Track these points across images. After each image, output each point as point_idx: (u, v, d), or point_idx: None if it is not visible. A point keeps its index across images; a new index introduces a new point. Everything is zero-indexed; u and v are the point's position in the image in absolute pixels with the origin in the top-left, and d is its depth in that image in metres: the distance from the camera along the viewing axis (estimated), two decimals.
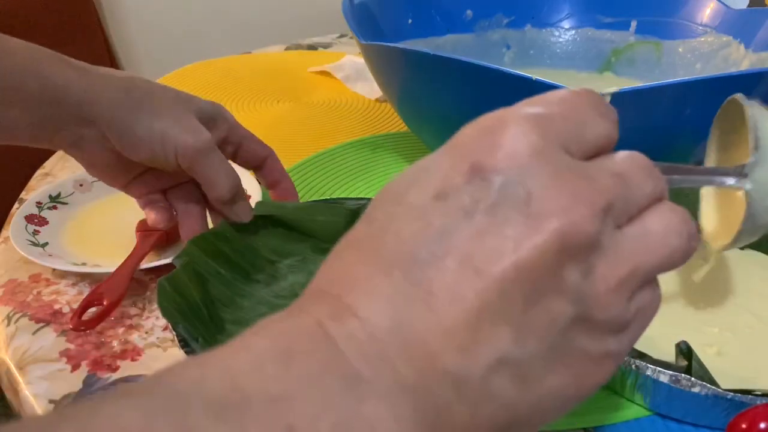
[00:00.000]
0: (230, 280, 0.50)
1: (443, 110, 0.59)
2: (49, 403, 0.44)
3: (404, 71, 0.59)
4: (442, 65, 0.55)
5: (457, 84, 0.55)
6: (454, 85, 0.56)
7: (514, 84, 0.52)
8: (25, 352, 0.48)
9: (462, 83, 0.55)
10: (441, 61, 0.55)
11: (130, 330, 0.50)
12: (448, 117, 0.59)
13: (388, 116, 0.82)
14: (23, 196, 0.67)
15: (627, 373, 0.42)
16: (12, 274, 0.56)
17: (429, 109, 0.61)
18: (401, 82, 0.61)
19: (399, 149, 0.74)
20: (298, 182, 0.67)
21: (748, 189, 0.35)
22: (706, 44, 0.74)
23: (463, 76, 0.54)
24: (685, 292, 0.51)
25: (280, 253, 0.53)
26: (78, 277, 0.55)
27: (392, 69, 0.60)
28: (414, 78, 0.59)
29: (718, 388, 0.39)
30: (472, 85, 0.55)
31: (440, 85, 0.57)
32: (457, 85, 0.55)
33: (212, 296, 0.47)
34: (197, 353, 0.40)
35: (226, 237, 0.50)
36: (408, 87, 0.61)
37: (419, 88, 0.60)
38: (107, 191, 0.65)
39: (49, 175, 0.70)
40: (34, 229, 0.58)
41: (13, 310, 0.52)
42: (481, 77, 0.53)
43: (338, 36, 1.15)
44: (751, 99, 0.41)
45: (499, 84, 0.53)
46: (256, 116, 0.82)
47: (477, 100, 0.55)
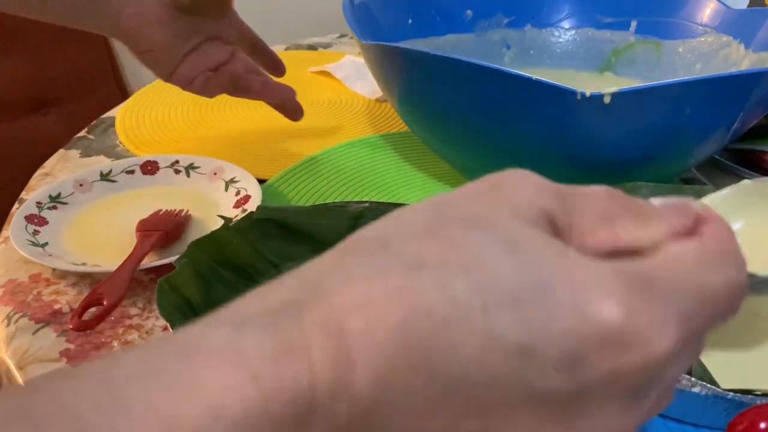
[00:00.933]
0: (232, 283, 0.50)
1: (443, 110, 0.59)
2: None
3: (404, 71, 0.59)
4: (442, 65, 0.55)
5: (456, 84, 0.55)
6: (454, 85, 0.56)
7: (514, 84, 0.52)
8: (25, 352, 0.48)
9: (462, 83, 0.55)
10: (441, 60, 0.55)
11: (130, 330, 0.50)
12: (448, 117, 0.59)
13: (388, 116, 0.82)
14: (23, 196, 0.67)
15: None
16: (12, 274, 0.56)
17: (429, 109, 0.61)
18: (401, 82, 0.61)
19: (399, 149, 0.74)
20: (298, 183, 0.67)
21: None
22: (706, 44, 0.74)
23: (463, 76, 0.54)
24: None
25: (282, 257, 0.53)
26: (78, 277, 0.55)
27: (392, 69, 0.60)
28: (414, 78, 0.59)
29: (718, 388, 0.39)
30: (472, 84, 0.55)
31: (440, 85, 0.57)
32: (456, 84, 0.56)
33: (213, 298, 0.47)
34: None
35: (228, 240, 0.50)
36: (408, 87, 0.61)
37: (419, 88, 0.60)
38: (107, 191, 0.65)
39: (49, 175, 0.70)
40: (34, 229, 0.58)
41: (13, 310, 0.52)
42: (481, 77, 0.53)
43: (338, 36, 1.15)
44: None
45: (498, 84, 0.53)
46: (256, 116, 0.82)
47: (477, 99, 0.56)
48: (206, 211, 0.62)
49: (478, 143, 0.59)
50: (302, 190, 0.66)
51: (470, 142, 0.60)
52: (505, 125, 0.56)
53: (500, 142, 0.57)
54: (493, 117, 0.56)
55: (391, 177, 0.69)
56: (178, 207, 0.62)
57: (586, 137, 0.54)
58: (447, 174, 0.70)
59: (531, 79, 0.50)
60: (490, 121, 0.56)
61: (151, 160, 0.68)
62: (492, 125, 0.57)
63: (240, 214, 0.59)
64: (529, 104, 0.53)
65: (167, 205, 0.62)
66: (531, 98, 0.52)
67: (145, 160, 0.68)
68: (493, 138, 0.57)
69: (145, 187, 0.66)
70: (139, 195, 0.65)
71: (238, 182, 0.64)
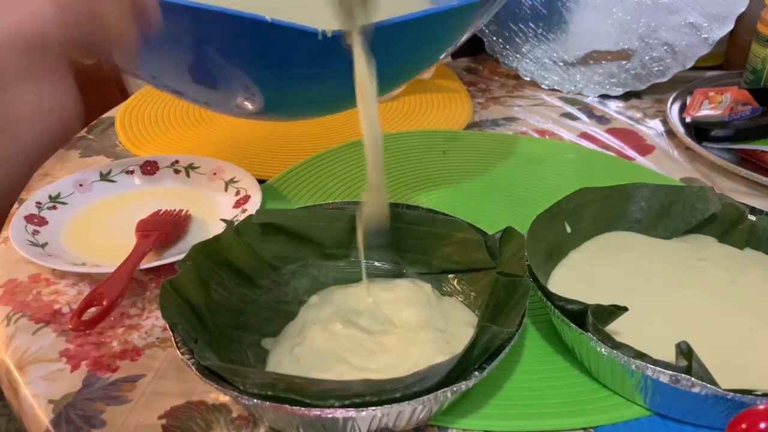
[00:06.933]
0: (233, 286, 0.50)
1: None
2: (49, 403, 0.44)
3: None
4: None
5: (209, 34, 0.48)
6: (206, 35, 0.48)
7: (251, 28, 0.45)
8: (25, 352, 0.48)
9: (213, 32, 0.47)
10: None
11: (130, 330, 0.50)
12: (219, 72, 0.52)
13: (388, 117, 0.82)
14: (23, 196, 0.67)
15: (627, 373, 0.42)
16: (12, 274, 0.56)
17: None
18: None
19: (398, 149, 0.74)
20: (298, 183, 0.67)
21: None
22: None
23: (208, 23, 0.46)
24: (685, 293, 0.51)
25: (282, 259, 0.53)
26: (78, 277, 0.55)
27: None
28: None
29: (718, 388, 0.39)
30: (221, 33, 0.47)
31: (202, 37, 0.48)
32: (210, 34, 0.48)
33: (214, 301, 0.47)
34: (195, 353, 0.40)
35: (230, 243, 0.50)
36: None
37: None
38: (107, 191, 0.65)
39: (49, 175, 0.70)
40: (33, 229, 0.58)
41: (12, 310, 0.52)
42: (219, 24, 0.46)
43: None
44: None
45: (238, 29, 0.46)
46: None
47: (228, 47, 0.49)
48: (206, 211, 0.62)
49: (262, 94, 0.54)
50: (302, 190, 0.66)
51: (254, 94, 0.55)
52: (271, 72, 0.51)
53: (278, 90, 0.53)
54: (255, 65, 0.50)
55: (390, 177, 0.69)
56: (178, 207, 0.62)
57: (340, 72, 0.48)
58: (447, 174, 0.70)
59: (266, 21, 0.45)
60: (257, 69, 0.50)
61: (151, 160, 0.68)
62: (261, 73, 0.51)
63: (240, 214, 0.59)
64: (275, 47, 0.48)
65: (167, 205, 0.62)
66: (275, 40, 0.47)
67: (145, 160, 0.68)
68: (271, 87, 0.53)
69: (144, 187, 0.66)
70: (138, 195, 0.65)
71: (238, 182, 0.64)
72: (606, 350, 0.42)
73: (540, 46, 0.93)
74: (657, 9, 0.88)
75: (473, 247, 0.51)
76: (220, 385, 0.39)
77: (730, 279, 0.52)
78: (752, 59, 0.83)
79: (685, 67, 0.87)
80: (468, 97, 0.87)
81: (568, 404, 0.44)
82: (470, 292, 0.51)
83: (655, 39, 0.88)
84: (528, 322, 0.51)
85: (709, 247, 0.55)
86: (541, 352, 0.48)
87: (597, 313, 0.43)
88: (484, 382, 0.42)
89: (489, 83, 0.95)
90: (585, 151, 0.76)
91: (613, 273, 0.52)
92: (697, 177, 0.71)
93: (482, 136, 0.79)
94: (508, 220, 0.61)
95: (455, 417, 0.43)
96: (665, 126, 0.82)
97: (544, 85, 0.93)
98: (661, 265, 0.53)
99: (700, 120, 0.77)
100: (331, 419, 0.38)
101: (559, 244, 0.54)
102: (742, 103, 0.77)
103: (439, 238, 0.53)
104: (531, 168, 0.71)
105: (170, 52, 0.50)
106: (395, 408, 0.38)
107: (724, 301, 0.50)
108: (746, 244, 0.55)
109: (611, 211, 0.56)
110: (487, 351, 0.41)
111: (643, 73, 0.89)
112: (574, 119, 0.84)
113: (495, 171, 0.71)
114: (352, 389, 0.37)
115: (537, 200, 0.64)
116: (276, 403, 0.38)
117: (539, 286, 0.47)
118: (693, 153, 0.75)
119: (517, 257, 0.48)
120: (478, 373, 0.40)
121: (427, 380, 0.38)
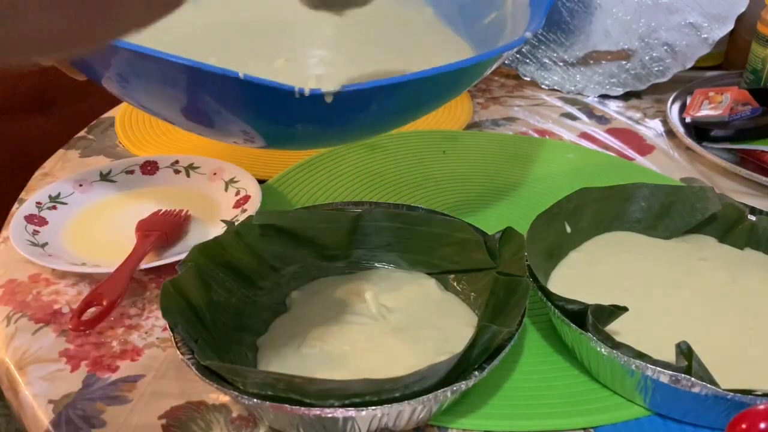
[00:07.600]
0: (234, 287, 0.50)
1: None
2: (49, 404, 0.44)
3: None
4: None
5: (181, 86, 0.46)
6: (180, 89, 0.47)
7: (226, 82, 0.43)
8: (25, 352, 0.48)
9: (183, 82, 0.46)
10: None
11: (130, 330, 0.50)
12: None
13: None
14: (23, 196, 0.67)
15: (627, 373, 0.42)
16: (12, 274, 0.56)
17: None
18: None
19: (398, 150, 0.74)
20: (298, 183, 0.67)
21: None
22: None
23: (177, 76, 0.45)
24: (685, 293, 0.51)
25: (283, 261, 0.53)
26: (78, 277, 0.55)
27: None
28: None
29: (718, 388, 0.39)
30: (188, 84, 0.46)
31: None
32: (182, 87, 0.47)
33: (215, 302, 0.47)
34: (195, 353, 0.40)
35: (231, 245, 0.50)
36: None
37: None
38: (107, 191, 0.65)
39: (49, 175, 0.70)
40: (33, 229, 0.58)
41: (12, 310, 0.52)
42: (191, 76, 0.44)
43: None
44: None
45: (209, 83, 0.44)
46: None
47: (198, 100, 0.48)
48: (206, 212, 0.62)
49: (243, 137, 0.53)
50: (302, 190, 0.66)
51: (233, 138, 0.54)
52: (258, 121, 0.49)
53: (275, 136, 0.53)
54: (240, 114, 0.49)
55: (389, 177, 0.69)
56: (178, 207, 0.62)
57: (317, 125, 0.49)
58: (447, 174, 0.70)
59: (238, 78, 0.42)
60: (243, 117, 0.49)
61: (151, 160, 0.68)
62: (249, 120, 0.49)
63: (240, 214, 0.59)
64: (250, 102, 0.46)
65: (167, 205, 0.62)
66: (252, 94, 0.45)
67: (145, 160, 0.68)
68: (264, 132, 0.52)
69: (144, 187, 0.66)
70: (138, 195, 0.65)
71: (238, 182, 0.64)
72: (606, 350, 0.42)
73: (540, 46, 0.93)
74: (657, 9, 0.88)
75: (473, 247, 0.51)
76: (220, 385, 0.39)
77: (730, 279, 0.52)
78: (752, 59, 0.83)
79: (685, 67, 0.87)
80: (468, 97, 0.87)
81: (568, 404, 0.44)
82: (470, 292, 0.51)
83: (655, 39, 0.88)
84: (528, 322, 0.51)
85: (709, 247, 0.55)
86: (541, 352, 0.48)
87: (597, 313, 0.43)
88: (484, 382, 0.42)
89: (489, 83, 0.95)
90: (585, 151, 0.76)
91: (613, 273, 0.52)
92: (697, 177, 0.71)
93: (482, 136, 0.79)
94: (508, 220, 0.61)
95: (455, 417, 0.43)
96: (665, 126, 0.82)
97: (544, 85, 0.93)
98: (661, 265, 0.53)
99: (700, 120, 0.77)
100: (331, 419, 0.38)
101: (559, 244, 0.54)
102: (742, 103, 0.77)
103: (439, 239, 0.53)
104: (531, 168, 0.71)
105: (155, 92, 0.49)
106: (395, 407, 0.38)
107: (724, 301, 0.50)
108: (746, 244, 0.55)
109: (611, 211, 0.56)
110: (486, 351, 0.41)
111: (643, 73, 0.89)
112: (574, 119, 0.84)
113: (495, 171, 0.71)
114: (352, 389, 0.37)
115: (537, 200, 0.65)
116: (276, 403, 0.38)
117: (539, 286, 0.47)
118: (693, 153, 0.75)
119: (517, 257, 0.48)
120: (478, 372, 0.40)
121: (427, 380, 0.38)
